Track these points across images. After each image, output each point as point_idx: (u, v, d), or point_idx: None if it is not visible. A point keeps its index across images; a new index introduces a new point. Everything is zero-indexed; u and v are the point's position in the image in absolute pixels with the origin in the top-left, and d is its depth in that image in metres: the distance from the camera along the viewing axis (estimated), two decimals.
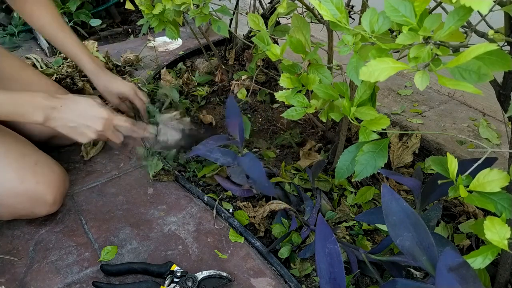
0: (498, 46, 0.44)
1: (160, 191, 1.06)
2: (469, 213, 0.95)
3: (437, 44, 0.47)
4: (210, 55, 1.64)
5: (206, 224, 0.97)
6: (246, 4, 2.23)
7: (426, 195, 0.79)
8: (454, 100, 1.44)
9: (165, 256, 0.89)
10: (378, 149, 0.65)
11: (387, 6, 0.49)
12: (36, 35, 1.81)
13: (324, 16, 0.54)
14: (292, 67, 0.75)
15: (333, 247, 0.68)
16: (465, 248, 0.88)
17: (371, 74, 0.48)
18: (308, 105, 0.74)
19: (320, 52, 0.76)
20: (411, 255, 0.62)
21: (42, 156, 0.96)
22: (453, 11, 0.45)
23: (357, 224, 0.95)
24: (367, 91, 0.65)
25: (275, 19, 0.86)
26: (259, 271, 0.85)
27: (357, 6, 0.90)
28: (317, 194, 1.01)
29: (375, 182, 1.07)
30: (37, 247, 0.90)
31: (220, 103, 1.43)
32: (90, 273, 0.85)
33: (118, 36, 1.96)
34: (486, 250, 0.59)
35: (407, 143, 1.13)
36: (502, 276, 0.73)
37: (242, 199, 1.03)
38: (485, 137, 1.22)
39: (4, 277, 0.84)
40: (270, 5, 1.26)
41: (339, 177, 0.70)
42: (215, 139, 0.98)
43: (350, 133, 1.18)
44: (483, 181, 0.54)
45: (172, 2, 1.00)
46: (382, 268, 0.85)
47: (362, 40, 0.56)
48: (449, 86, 0.45)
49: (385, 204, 0.63)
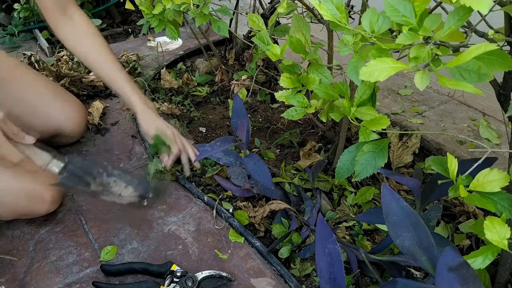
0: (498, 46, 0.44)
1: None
2: (469, 213, 0.95)
3: (437, 44, 0.47)
4: (210, 55, 1.64)
5: (206, 224, 0.97)
6: (246, 4, 2.23)
7: (426, 195, 0.79)
8: (454, 100, 1.44)
9: (165, 256, 0.89)
10: (378, 149, 0.65)
11: (387, 6, 0.49)
12: (36, 35, 1.81)
13: (324, 16, 0.54)
14: (292, 67, 0.75)
15: (333, 247, 0.68)
16: (465, 248, 0.88)
17: (371, 74, 0.48)
18: (308, 105, 0.74)
19: (320, 52, 0.76)
20: (411, 255, 0.62)
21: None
22: (453, 11, 0.45)
23: (357, 224, 0.95)
24: (367, 91, 0.65)
25: (275, 19, 0.86)
26: (259, 271, 0.85)
27: (357, 6, 0.90)
28: (317, 194, 1.01)
29: (375, 182, 1.07)
30: (37, 247, 0.90)
31: (220, 103, 1.43)
32: (90, 273, 0.85)
33: (118, 36, 1.96)
34: (486, 250, 0.59)
35: (407, 143, 1.14)
36: (502, 276, 0.73)
37: (242, 199, 1.03)
38: (485, 137, 1.22)
39: (4, 277, 0.84)
40: (270, 5, 1.26)
41: (339, 177, 0.70)
42: (221, 141, 0.97)
43: (350, 133, 1.18)
44: (483, 181, 0.54)
45: (172, 2, 1.00)
46: (382, 268, 0.85)
47: (362, 40, 0.56)
48: (449, 86, 0.45)
49: (385, 204, 0.63)
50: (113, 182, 0.85)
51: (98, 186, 0.85)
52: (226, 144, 0.96)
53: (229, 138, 0.99)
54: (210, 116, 1.37)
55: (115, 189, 0.85)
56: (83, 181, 0.84)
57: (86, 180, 0.84)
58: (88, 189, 0.84)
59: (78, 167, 0.84)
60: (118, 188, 0.86)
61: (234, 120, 1.00)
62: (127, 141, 1.24)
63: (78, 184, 0.83)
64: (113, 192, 0.85)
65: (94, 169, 0.85)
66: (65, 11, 1.03)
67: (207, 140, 1.27)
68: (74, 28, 1.04)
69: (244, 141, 0.95)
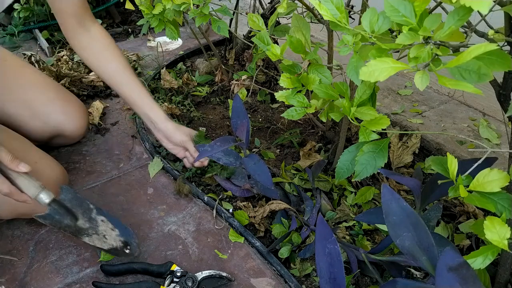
0: (498, 46, 0.44)
1: (160, 191, 1.06)
2: (469, 213, 0.95)
3: (437, 44, 0.47)
4: (210, 55, 1.64)
5: (206, 224, 0.97)
6: (246, 4, 2.23)
7: (426, 195, 0.79)
8: (454, 100, 1.44)
9: (165, 256, 0.89)
10: (378, 149, 0.65)
11: (387, 6, 0.49)
12: (36, 35, 1.81)
13: (324, 16, 0.54)
14: (292, 67, 0.75)
15: (333, 247, 0.68)
16: (465, 248, 0.88)
17: (371, 74, 0.48)
18: (308, 105, 0.74)
19: (320, 52, 0.76)
20: (411, 255, 0.62)
21: (42, 155, 0.96)
22: (453, 11, 0.45)
23: (357, 224, 0.95)
24: (367, 91, 0.65)
25: (275, 19, 0.86)
26: (259, 271, 0.85)
27: (357, 6, 0.90)
28: (317, 194, 1.01)
29: (375, 182, 1.07)
30: (37, 247, 0.90)
31: (220, 103, 1.43)
32: (90, 273, 0.85)
33: (118, 36, 1.96)
34: (486, 250, 0.59)
35: (407, 143, 1.14)
36: (502, 276, 0.73)
37: (242, 199, 1.03)
38: (485, 137, 1.22)
39: (4, 277, 0.84)
40: (270, 5, 1.26)
41: (339, 177, 0.70)
42: (221, 141, 0.97)
43: (350, 133, 1.18)
44: (483, 181, 0.54)
45: (172, 2, 1.00)
46: (382, 268, 0.85)
47: (362, 40, 0.56)
48: (449, 86, 0.45)
49: (385, 204, 0.63)
50: (101, 221, 0.84)
51: (86, 223, 0.83)
52: (226, 144, 0.96)
53: (229, 138, 0.99)
54: (210, 116, 1.37)
55: (102, 229, 0.84)
56: (71, 214, 0.82)
57: (75, 214, 0.82)
58: (74, 223, 0.81)
59: (69, 199, 0.83)
60: (105, 229, 0.84)
61: (234, 120, 1.00)
62: (127, 141, 1.24)
63: (66, 217, 0.81)
64: (99, 232, 0.83)
65: (84, 204, 0.84)
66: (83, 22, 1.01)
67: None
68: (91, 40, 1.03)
69: (244, 141, 0.95)
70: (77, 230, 0.82)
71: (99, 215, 0.85)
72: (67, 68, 1.45)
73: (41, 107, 1.07)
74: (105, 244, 0.83)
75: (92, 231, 0.83)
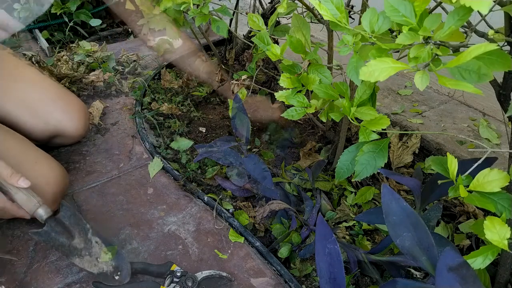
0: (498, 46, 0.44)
1: (160, 191, 1.06)
2: (469, 213, 0.95)
3: (437, 44, 0.47)
4: (210, 55, 1.64)
5: (206, 224, 0.97)
6: (246, 4, 2.23)
7: (426, 195, 0.79)
8: (454, 100, 1.44)
9: (165, 256, 0.89)
10: (378, 149, 0.65)
11: (387, 6, 0.49)
12: (36, 35, 1.81)
13: (324, 16, 0.54)
14: (292, 67, 0.75)
15: (333, 247, 0.68)
16: (465, 248, 0.88)
17: (371, 74, 0.48)
18: (308, 105, 0.74)
19: (320, 52, 0.76)
20: (411, 255, 0.62)
21: (42, 155, 0.96)
22: (453, 11, 0.45)
23: (357, 224, 0.95)
24: (367, 91, 0.65)
25: (275, 19, 0.86)
26: (259, 271, 0.85)
27: (357, 6, 0.90)
28: (317, 194, 1.01)
29: (375, 182, 1.07)
30: (37, 247, 0.90)
31: (220, 103, 1.43)
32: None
33: (118, 36, 1.96)
34: (486, 250, 0.59)
35: (407, 143, 1.14)
36: (502, 276, 0.73)
37: (242, 199, 1.03)
38: (485, 137, 1.22)
39: (4, 277, 0.84)
40: (270, 5, 1.26)
41: (339, 177, 0.70)
42: (221, 141, 0.97)
43: (350, 133, 1.18)
44: (483, 181, 0.54)
45: (173, 1, 1.00)
46: (382, 268, 0.85)
47: (362, 40, 0.56)
48: (449, 86, 0.45)
49: (385, 204, 0.63)
50: (95, 243, 0.83)
51: (81, 242, 0.82)
52: (226, 144, 0.96)
53: (229, 138, 0.99)
54: (210, 116, 1.37)
55: (95, 250, 0.83)
56: (68, 232, 0.82)
57: (71, 232, 0.82)
58: (69, 242, 0.81)
59: (68, 216, 0.82)
60: (98, 251, 0.83)
61: (234, 120, 1.00)
62: (127, 141, 1.24)
63: (62, 236, 0.81)
64: (92, 254, 0.82)
65: (81, 223, 0.83)
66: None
67: (207, 140, 1.27)
68: None
69: (244, 141, 0.95)
70: (70, 251, 0.81)
71: (94, 236, 0.84)
72: (67, 68, 1.45)
73: (42, 106, 1.07)
74: (95, 268, 0.82)
75: (85, 252, 0.82)
